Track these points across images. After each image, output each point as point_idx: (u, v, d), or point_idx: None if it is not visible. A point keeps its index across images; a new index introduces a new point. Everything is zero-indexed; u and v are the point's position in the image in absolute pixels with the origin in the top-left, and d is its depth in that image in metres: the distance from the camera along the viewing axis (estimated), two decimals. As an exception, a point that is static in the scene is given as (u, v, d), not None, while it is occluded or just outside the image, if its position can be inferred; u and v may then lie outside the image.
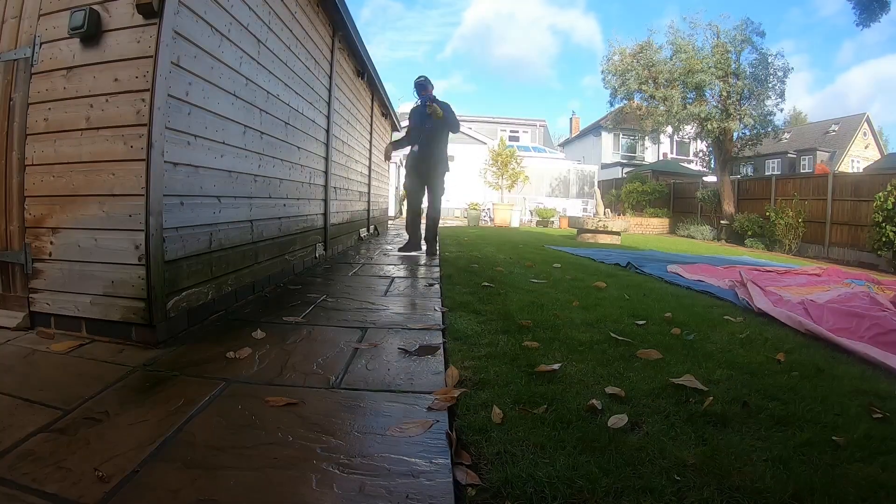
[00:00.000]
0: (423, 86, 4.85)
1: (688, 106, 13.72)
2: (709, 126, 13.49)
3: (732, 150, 14.21)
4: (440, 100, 4.85)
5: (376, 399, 1.47)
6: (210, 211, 2.28)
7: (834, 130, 27.39)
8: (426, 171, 4.86)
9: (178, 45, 1.92)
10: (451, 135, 4.96)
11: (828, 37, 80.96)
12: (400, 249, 5.10)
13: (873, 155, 25.34)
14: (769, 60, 13.37)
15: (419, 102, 4.88)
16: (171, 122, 1.90)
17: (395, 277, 3.60)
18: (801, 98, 75.91)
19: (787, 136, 26.36)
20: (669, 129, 15.76)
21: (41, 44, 1.92)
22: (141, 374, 1.58)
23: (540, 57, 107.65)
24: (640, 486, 1.05)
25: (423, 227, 5.12)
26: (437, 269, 4.08)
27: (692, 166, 21.46)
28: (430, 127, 4.76)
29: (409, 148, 5.08)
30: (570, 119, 33.14)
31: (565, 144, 31.43)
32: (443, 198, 5.03)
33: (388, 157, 5.60)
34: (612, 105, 16.59)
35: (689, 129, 15.40)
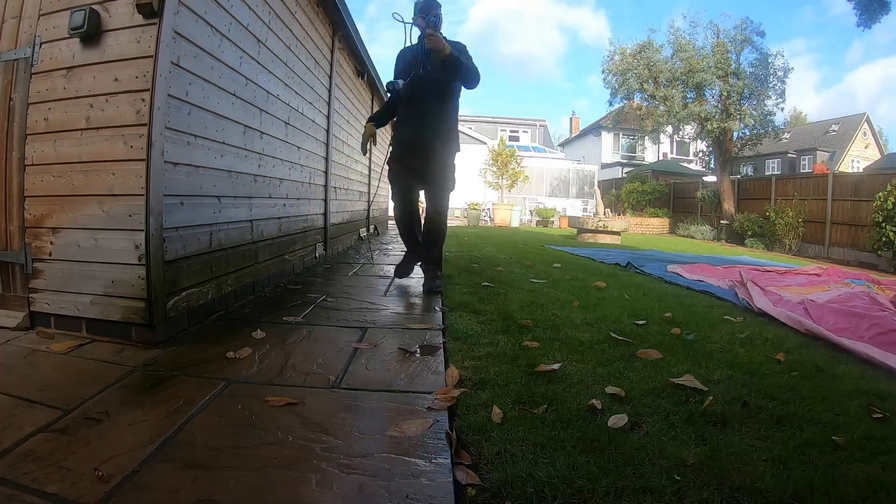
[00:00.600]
0: (428, 4, 2.79)
1: (688, 106, 13.73)
2: (709, 126, 13.50)
3: (732, 150, 14.22)
4: (451, 40, 2.77)
5: (376, 399, 1.47)
6: (210, 211, 2.28)
7: (834, 130, 27.38)
8: (423, 151, 2.95)
9: (178, 45, 1.92)
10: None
11: (837, 36, 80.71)
12: (396, 270, 3.36)
13: (873, 155, 25.32)
14: (769, 60, 13.41)
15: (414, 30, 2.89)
16: (171, 122, 1.90)
17: (394, 277, 3.60)
18: (808, 97, 75.61)
19: (787, 136, 26.33)
20: (669, 129, 15.78)
21: (41, 44, 1.92)
22: (141, 374, 1.58)
23: (547, 55, 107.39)
24: (640, 486, 1.05)
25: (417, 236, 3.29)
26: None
27: (692, 166, 21.46)
28: (428, 76, 2.83)
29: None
30: (570, 119, 33.18)
31: (565, 144, 31.44)
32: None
33: (365, 151, 3.39)
34: (612, 105, 16.63)
35: (689, 129, 15.41)
